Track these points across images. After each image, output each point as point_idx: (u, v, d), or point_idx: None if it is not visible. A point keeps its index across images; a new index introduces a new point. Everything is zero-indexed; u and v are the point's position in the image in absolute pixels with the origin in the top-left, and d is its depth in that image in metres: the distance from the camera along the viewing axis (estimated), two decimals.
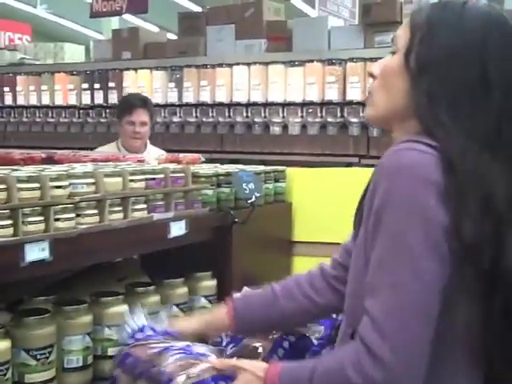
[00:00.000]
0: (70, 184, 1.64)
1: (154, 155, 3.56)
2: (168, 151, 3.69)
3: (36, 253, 1.53)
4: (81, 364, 1.71)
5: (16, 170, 1.69)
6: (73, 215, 1.63)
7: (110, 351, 1.79)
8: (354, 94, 4.33)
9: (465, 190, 1.07)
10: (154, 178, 1.88)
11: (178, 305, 2.03)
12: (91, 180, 1.70)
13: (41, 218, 1.55)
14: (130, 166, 1.95)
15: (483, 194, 1.08)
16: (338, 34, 4.65)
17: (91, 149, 3.68)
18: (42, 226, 1.55)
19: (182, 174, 1.99)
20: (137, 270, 2.18)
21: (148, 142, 4.01)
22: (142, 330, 1.59)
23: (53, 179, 1.58)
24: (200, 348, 1.52)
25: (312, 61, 4.47)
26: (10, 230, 1.48)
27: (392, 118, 1.26)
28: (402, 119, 1.23)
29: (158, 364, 1.45)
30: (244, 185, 2.06)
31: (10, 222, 1.47)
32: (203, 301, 2.13)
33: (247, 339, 1.78)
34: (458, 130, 1.13)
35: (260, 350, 1.75)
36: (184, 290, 2.06)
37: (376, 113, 1.28)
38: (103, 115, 5.10)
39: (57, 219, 1.59)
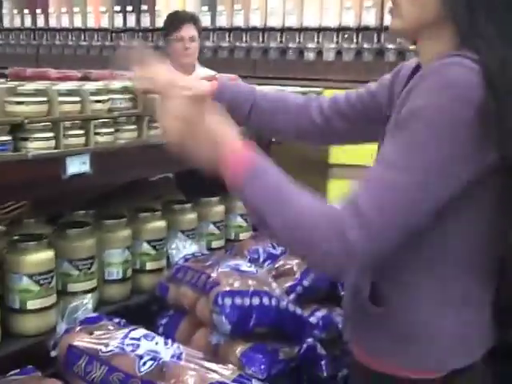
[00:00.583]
0: (110, 99, 1.63)
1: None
2: None
3: (77, 166, 1.54)
4: (120, 276, 1.75)
5: (55, 84, 1.69)
6: (112, 130, 1.63)
7: (149, 266, 1.83)
8: None
9: (506, 107, 1.04)
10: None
11: (214, 223, 2.05)
12: (130, 95, 1.69)
13: (81, 132, 1.56)
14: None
15: None
16: None
17: None
18: (82, 140, 1.56)
19: None
20: (172, 188, 2.20)
21: (197, 62, 3.91)
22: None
23: (93, 93, 1.58)
24: (245, 266, 1.58)
25: None
26: (52, 143, 1.49)
27: (422, 28, 1.17)
28: (433, 29, 1.15)
29: (206, 273, 1.52)
30: None
31: (51, 134, 1.48)
32: (239, 219, 2.16)
33: (283, 257, 1.81)
34: (499, 41, 1.08)
35: (295, 268, 1.78)
36: (220, 208, 2.08)
37: (404, 24, 1.16)
38: (135, 38, 5.04)
39: (96, 133, 1.59)
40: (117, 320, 1.56)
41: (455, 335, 1.15)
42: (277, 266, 1.79)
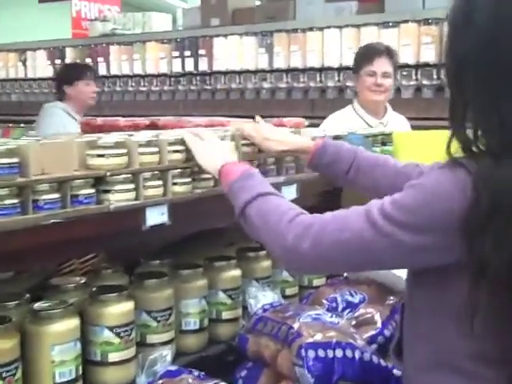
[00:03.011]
0: (187, 148, 1.63)
1: (394, 122, 3.33)
2: None
3: (156, 216, 1.54)
4: (197, 326, 1.73)
5: (132, 135, 1.71)
6: (189, 179, 1.63)
7: (225, 315, 1.80)
8: None
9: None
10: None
11: None
12: None
13: (160, 183, 1.56)
14: (229, 130, 1.93)
15: None
16: None
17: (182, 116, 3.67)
18: (160, 191, 1.57)
19: None
20: (245, 235, 2.18)
21: (388, 105, 3.42)
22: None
23: (171, 143, 1.59)
24: (327, 317, 1.54)
25: (406, 21, 4.31)
26: (133, 194, 1.49)
27: None
28: None
29: (287, 324, 1.49)
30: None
31: (132, 186, 1.49)
32: None
33: (364, 305, 1.76)
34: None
35: (376, 317, 1.73)
36: None
37: None
38: (194, 82, 5.13)
39: (174, 183, 1.59)
40: (196, 373, 1.54)
41: None
42: (356, 314, 1.74)
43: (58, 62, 5.73)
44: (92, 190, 1.43)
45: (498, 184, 1.06)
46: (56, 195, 1.35)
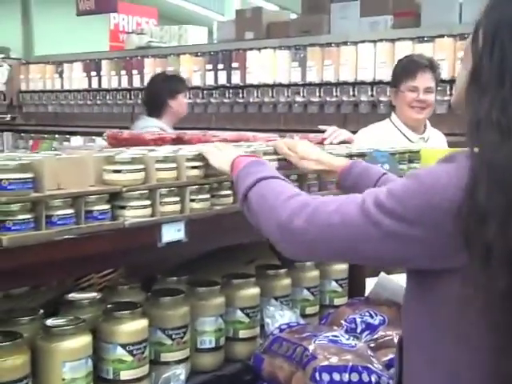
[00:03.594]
0: (205, 164, 1.62)
1: (435, 138, 3.21)
2: (290, 131, 3.63)
3: (172, 233, 1.53)
4: (213, 345, 1.71)
5: (151, 150, 1.70)
6: (207, 196, 1.62)
7: (242, 334, 1.78)
8: None
9: None
10: (285, 159, 1.83)
11: (308, 288, 1.99)
12: None
13: (177, 199, 1.55)
14: (261, 146, 1.92)
15: None
16: (469, 5, 4.38)
17: (211, 129, 3.66)
18: (177, 207, 1.55)
19: None
20: (266, 251, 2.16)
21: (428, 122, 3.26)
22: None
23: (189, 159, 1.58)
24: (343, 339, 1.51)
25: (442, 36, 4.25)
26: (149, 211, 1.48)
27: None
28: None
29: (303, 345, 1.47)
30: (379, 165, 1.98)
31: (148, 202, 1.48)
32: (334, 284, 2.08)
33: (383, 327, 1.72)
34: None
35: (396, 339, 1.68)
36: (315, 273, 2.02)
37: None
38: (226, 95, 5.13)
39: (192, 200, 1.58)
40: None
41: None
42: (376, 337, 1.70)
43: (93, 74, 5.81)
44: (107, 206, 1.42)
45: (502, 160, 1.00)
46: (70, 211, 1.35)
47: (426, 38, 4.29)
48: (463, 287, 1.00)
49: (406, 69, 3.14)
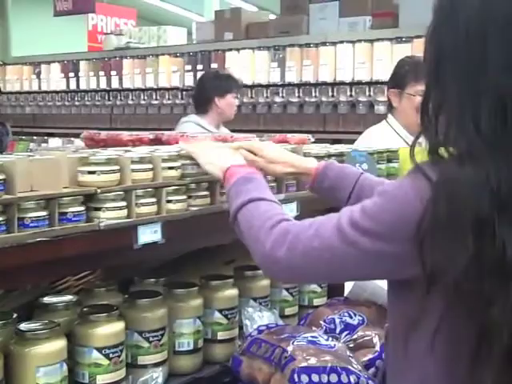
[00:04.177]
0: (182, 165, 1.60)
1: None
2: (270, 132, 3.62)
3: (149, 235, 1.51)
4: (192, 347, 1.69)
5: (128, 151, 1.68)
6: (184, 197, 1.60)
7: (220, 335, 1.76)
8: None
9: None
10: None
11: (287, 289, 1.98)
12: None
13: (153, 200, 1.53)
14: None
15: None
16: None
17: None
18: (153, 208, 1.53)
19: None
20: (244, 252, 2.14)
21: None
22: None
23: (165, 160, 1.56)
24: (322, 339, 1.50)
25: (420, 36, 4.26)
26: (124, 212, 1.46)
27: None
28: None
29: (281, 347, 1.45)
30: (357, 165, 1.97)
31: (124, 203, 1.46)
32: (314, 285, 2.07)
33: (362, 327, 1.71)
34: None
35: (375, 339, 1.68)
36: None
37: None
38: None
39: (168, 201, 1.56)
40: None
41: None
42: (355, 337, 1.70)
43: (71, 75, 5.76)
44: (81, 208, 1.40)
45: (458, 187, 1.02)
46: (43, 213, 1.32)
47: (404, 39, 4.32)
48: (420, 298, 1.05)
49: (416, 71, 2.98)
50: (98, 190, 1.42)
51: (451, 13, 1.11)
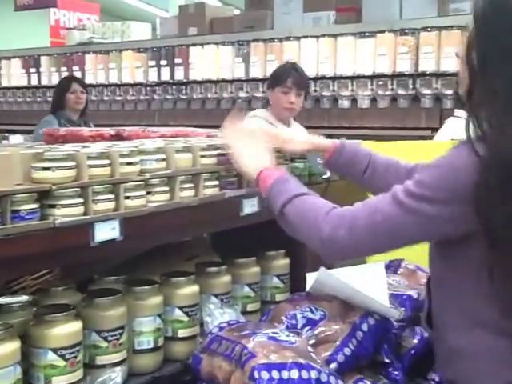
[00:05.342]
0: (141, 160, 1.58)
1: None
2: None
3: (107, 232, 1.48)
4: (152, 346, 1.67)
5: (86, 146, 1.65)
6: (143, 193, 1.57)
7: (181, 333, 1.74)
8: (428, 65, 4.15)
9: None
10: (225, 154, 1.80)
11: (249, 285, 1.97)
12: (162, 156, 1.63)
13: (111, 196, 1.50)
14: (200, 141, 1.88)
15: None
16: (410, 2, 4.45)
17: (154, 126, 3.53)
18: (111, 205, 1.50)
19: None
20: (207, 248, 2.13)
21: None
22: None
23: (123, 155, 1.53)
24: (283, 335, 1.49)
25: (383, 31, 4.31)
26: (81, 209, 1.43)
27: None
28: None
29: (241, 343, 1.44)
30: (318, 159, 1.97)
31: (80, 200, 1.43)
32: (275, 280, 2.06)
33: (324, 322, 1.71)
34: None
35: (337, 334, 1.67)
36: (256, 269, 1.99)
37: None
38: (169, 92, 5.08)
39: (127, 197, 1.53)
40: None
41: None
42: (316, 332, 1.68)
43: (32, 70, 5.66)
44: (35, 205, 1.36)
45: (506, 152, 1.20)
46: None
47: (367, 34, 4.34)
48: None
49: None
50: (53, 187, 1.39)
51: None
